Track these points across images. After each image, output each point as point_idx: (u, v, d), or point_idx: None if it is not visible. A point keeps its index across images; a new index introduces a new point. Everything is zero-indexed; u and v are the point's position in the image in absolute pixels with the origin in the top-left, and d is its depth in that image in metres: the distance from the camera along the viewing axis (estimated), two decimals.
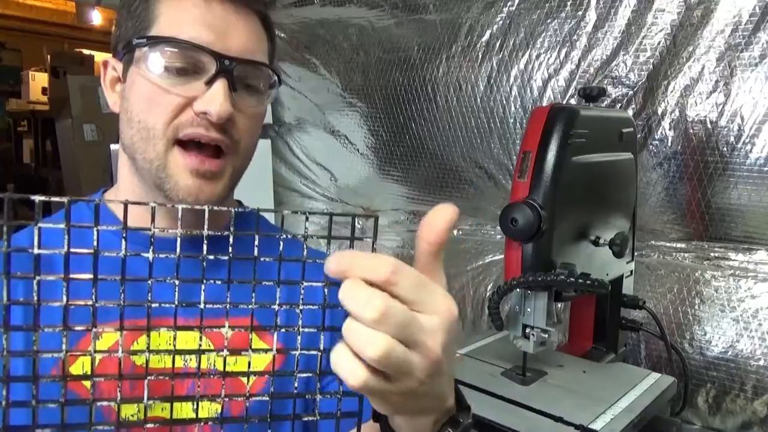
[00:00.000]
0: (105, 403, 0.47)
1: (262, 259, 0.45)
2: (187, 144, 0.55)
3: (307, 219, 0.44)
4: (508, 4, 1.30)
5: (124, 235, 0.40)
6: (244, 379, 0.56)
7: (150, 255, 0.42)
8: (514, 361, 0.94)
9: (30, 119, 3.92)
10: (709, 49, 1.06)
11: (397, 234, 1.69)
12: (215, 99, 0.53)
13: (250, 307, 0.45)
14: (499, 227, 0.81)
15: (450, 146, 1.44)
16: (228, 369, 0.57)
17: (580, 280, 0.76)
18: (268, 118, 1.86)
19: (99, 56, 3.75)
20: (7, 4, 5.19)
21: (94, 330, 0.42)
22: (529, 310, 0.85)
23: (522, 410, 0.81)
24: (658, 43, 1.11)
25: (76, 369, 0.55)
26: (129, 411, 0.54)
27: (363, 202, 1.81)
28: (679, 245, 1.19)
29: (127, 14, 0.58)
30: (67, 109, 2.70)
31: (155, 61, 0.54)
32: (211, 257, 0.46)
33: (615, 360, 1.02)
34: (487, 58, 1.33)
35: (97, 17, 5.32)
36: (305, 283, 0.47)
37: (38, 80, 4.05)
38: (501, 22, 1.32)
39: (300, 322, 0.48)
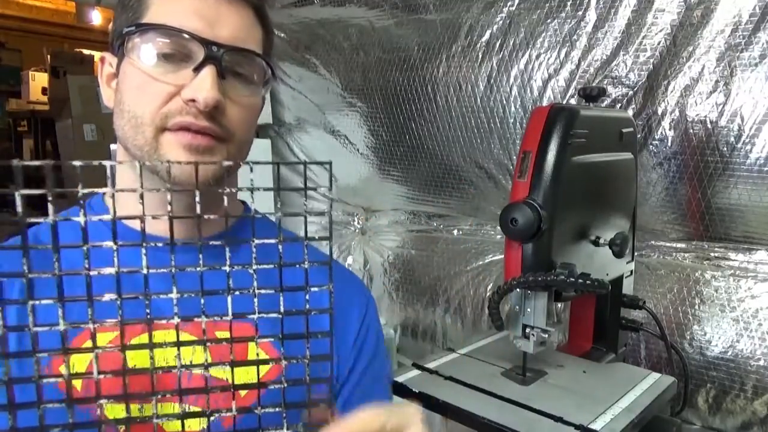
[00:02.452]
0: (102, 403, 0.47)
1: (252, 268, 0.45)
2: (176, 132, 0.54)
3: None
4: (508, 4, 1.30)
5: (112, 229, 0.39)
6: (238, 388, 0.56)
7: (143, 257, 0.41)
8: (514, 361, 0.94)
9: (30, 119, 3.92)
10: (709, 49, 1.06)
11: (397, 234, 1.69)
12: (202, 86, 0.52)
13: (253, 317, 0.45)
14: (499, 227, 0.81)
15: (450, 146, 1.44)
16: (223, 376, 0.56)
17: (580, 280, 0.76)
18: (268, 119, 1.86)
19: (99, 56, 3.76)
20: (7, 4, 5.19)
21: (114, 326, 0.42)
22: (529, 310, 0.84)
23: (522, 410, 0.81)
24: (658, 43, 1.11)
25: (64, 369, 0.55)
26: (118, 413, 0.52)
27: (363, 201, 1.81)
28: (679, 245, 1.19)
29: (122, 8, 0.58)
30: (67, 109, 2.70)
31: (144, 49, 0.54)
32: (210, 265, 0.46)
33: (615, 360, 1.02)
34: (487, 58, 1.33)
35: (97, 17, 5.32)
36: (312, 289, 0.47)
37: (38, 80, 4.05)
38: (501, 22, 1.32)
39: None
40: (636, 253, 1.10)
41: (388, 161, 1.61)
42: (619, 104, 1.17)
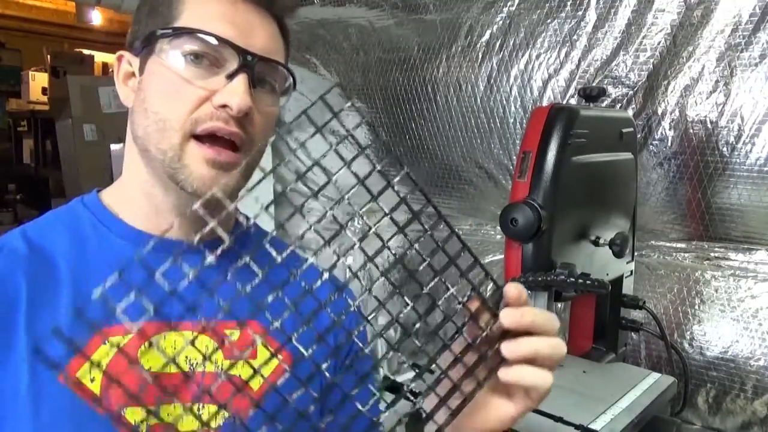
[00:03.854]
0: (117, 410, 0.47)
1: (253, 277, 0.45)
2: (202, 138, 0.55)
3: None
4: (508, 4, 1.30)
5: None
6: (252, 384, 0.55)
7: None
8: None
9: (30, 119, 3.92)
10: (709, 49, 1.06)
11: (397, 234, 1.69)
12: (237, 92, 0.53)
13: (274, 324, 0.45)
14: (499, 227, 0.81)
15: (450, 146, 1.44)
16: (236, 373, 0.58)
17: (580, 280, 0.76)
18: None
19: (99, 56, 3.76)
20: (7, 4, 5.19)
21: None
22: None
23: None
24: (658, 43, 1.11)
25: (82, 375, 0.54)
26: (135, 417, 0.53)
27: (363, 202, 1.81)
28: (679, 245, 1.19)
29: (149, 10, 0.58)
30: (67, 109, 2.70)
31: (178, 52, 0.54)
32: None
33: (615, 360, 1.02)
34: (487, 58, 1.33)
35: (97, 17, 5.32)
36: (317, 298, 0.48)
37: (38, 80, 4.05)
38: (501, 22, 1.32)
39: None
40: (636, 253, 1.10)
41: (388, 161, 1.61)
42: (619, 104, 1.17)
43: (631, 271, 1.05)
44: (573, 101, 1.21)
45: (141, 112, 0.56)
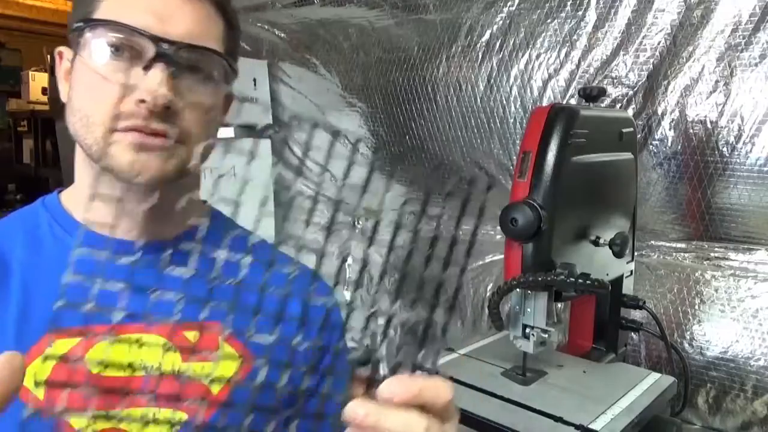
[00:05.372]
0: (61, 416, 0.45)
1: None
2: (126, 132, 0.51)
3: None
4: (508, 4, 1.30)
5: None
6: (211, 387, 0.55)
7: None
8: (514, 361, 0.94)
9: (30, 119, 3.91)
10: (709, 49, 1.06)
11: (397, 234, 1.69)
12: (152, 85, 0.49)
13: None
14: (498, 227, 0.81)
15: (450, 146, 1.44)
16: (194, 376, 0.55)
17: (580, 280, 0.76)
18: (268, 119, 1.86)
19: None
20: (7, 4, 5.18)
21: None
22: (529, 310, 0.84)
23: (522, 410, 0.81)
24: (658, 43, 1.11)
25: (26, 379, 0.53)
26: (80, 424, 0.51)
27: (363, 202, 1.81)
28: (679, 245, 1.19)
29: (76, 2, 0.56)
30: None
31: (94, 46, 0.52)
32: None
33: (615, 360, 1.02)
34: (487, 58, 1.33)
35: None
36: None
37: (38, 80, 4.04)
38: (501, 22, 1.32)
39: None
40: (636, 253, 1.10)
41: (388, 161, 1.61)
42: (619, 104, 1.17)
43: (631, 271, 1.05)
44: (573, 101, 1.21)
45: (69, 109, 0.54)
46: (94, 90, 0.52)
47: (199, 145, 0.55)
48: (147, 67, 0.50)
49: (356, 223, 1.84)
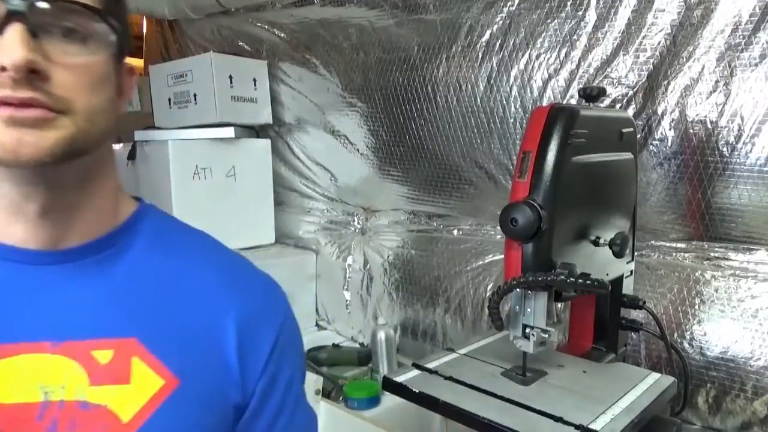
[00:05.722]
0: None
1: None
2: None
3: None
4: (508, 4, 1.30)
5: None
6: (120, 414, 0.48)
7: None
8: (514, 361, 0.94)
9: None
10: (709, 49, 1.05)
11: (397, 234, 1.69)
12: (8, 47, 0.43)
13: None
14: (498, 227, 0.81)
15: (450, 146, 1.44)
16: (102, 402, 0.48)
17: (581, 280, 0.76)
18: (268, 119, 1.86)
19: None
20: None
21: None
22: (529, 310, 0.85)
23: (522, 410, 0.81)
24: (658, 43, 1.11)
25: None
26: None
27: (363, 202, 1.81)
28: (679, 245, 1.19)
29: None
30: None
31: None
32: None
33: (615, 360, 1.02)
34: (487, 58, 1.33)
35: None
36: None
37: None
38: (501, 22, 1.32)
39: None
40: (636, 253, 1.10)
41: (388, 161, 1.61)
42: (619, 104, 1.17)
43: (631, 271, 1.05)
44: (573, 101, 1.21)
45: None
46: None
47: (86, 113, 0.47)
48: (0, 29, 0.44)
49: (356, 223, 1.84)
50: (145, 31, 2.51)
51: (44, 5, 0.45)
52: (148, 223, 0.58)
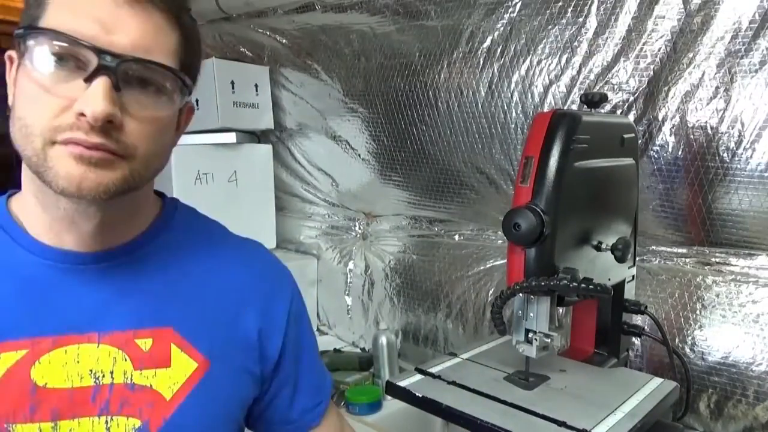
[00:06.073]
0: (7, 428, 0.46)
1: None
2: (66, 144, 0.50)
3: None
4: (509, 10, 1.31)
5: None
6: (163, 393, 0.56)
7: None
8: (516, 365, 0.94)
9: None
10: (709, 55, 1.06)
11: (398, 239, 1.70)
12: (92, 99, 0.47)
13: None
14: (500, 232, 0.82)
15: (451, 151, 1.44)
16: (147, 383, 0.56)
17: (583, 285, 0.76)
18: (270, 124, 1.86)
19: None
20: (8, 10, 5.20)
21: None
22: (531, 314, 0.85)
23: (525, 415, 0.81)
24: (659, 50, 1.12)
25: None
26: None
27: (364, 207, 1.81)
28: (680, 250, 1.19)
29: (23, 8, 0.54)
30: None
31: (36, 55, 0.49)
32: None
33: (617, 365, 1.02)
34: (488, 64, 1.34)
35: None
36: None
37: None
38: (502, 29, 1.32)
39: None
40: (637, 258, 1.10)
41: (389, 166, 1.62)
42: (620, 110, 1.17)
43: (633, 276, 1.05)
44: (574, 107, 1.21)
45: (12, 117, 0.52)
46: (34, 100, 0.49)
47: (145, 159, 0.53)
48: (89, 79, 0.48)
49: (357, 228, 1.84)
50: None
51: (136, 65, 0.50)
52: (176, 220, 0.64)
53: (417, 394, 0.87)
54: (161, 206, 0.65)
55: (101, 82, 0.48)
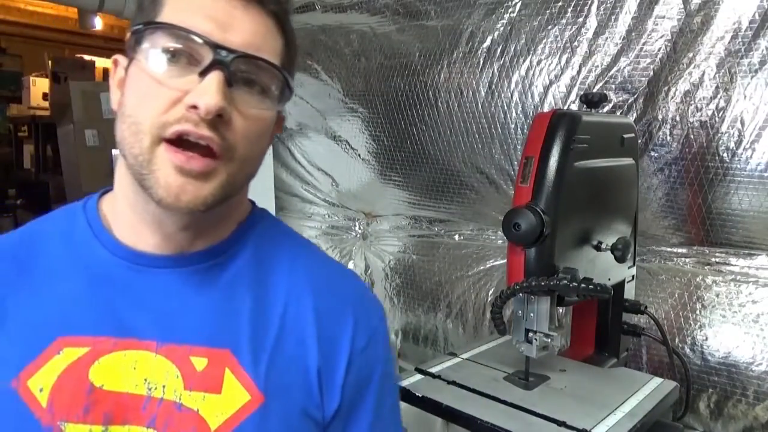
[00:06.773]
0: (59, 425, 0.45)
1: None
2: (175, 143, 0.50)
3: None
4: (509, 10, 1.31)
5: None
6: (209, 421, 0.52)
7: None
8: (516, 365, 0.94)
9: (31, 124, 3.92)
10: (709, 55, 1.06)
11: (398, 239, 1.70)
12: (206, 91, 0.48)
13: None
14: (500, 232, 0.82)
15: (451, 151, 1.44)
16: (194, 406, 0.52)
17: (583, 285, 0.76)
18: None
19: (100, 62, 3.76)
20: (9, 10, 5.20)
21: None
22: (531, 314, 0.85)
23: (525, 414, 0.81)
24: (659, 50, 1.12)
25: (32, 384, 0.51)
26: None
27: (364, 207, 1.81)
28: (680, 250, 1.19)
29: (137, 8, 0.55)
30: (68, 115, 2.70)
31: (151, 51, 0.51)
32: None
33: (617, 365, 1.02)
34: (488, 64, 1.34)
35: (98, 23, 5.33)
36: None
37: (39, 86, 4.05)
38: (502, 29, 1.32)
39: None
40: (637, 258, 1.10)
41: (389, 166, 1.62)
42: (620, 110, 1.17)
43: (633, 276, 1.05)
44: (574, 107, 1.21)
45: (120, 117, 0.53)
46: (147, 95, 0.50)
47: (242, 161, 0.53)
48: (203, 74, 0.49)
49: (357, 227, 1.84)
50: None
51: (245, 61, 0.51)
52: (257, 232, 0.62)
53: (417, 394, 0.87)
54: (248, 215, 0.63)
55: (215, 76, 0.49)
